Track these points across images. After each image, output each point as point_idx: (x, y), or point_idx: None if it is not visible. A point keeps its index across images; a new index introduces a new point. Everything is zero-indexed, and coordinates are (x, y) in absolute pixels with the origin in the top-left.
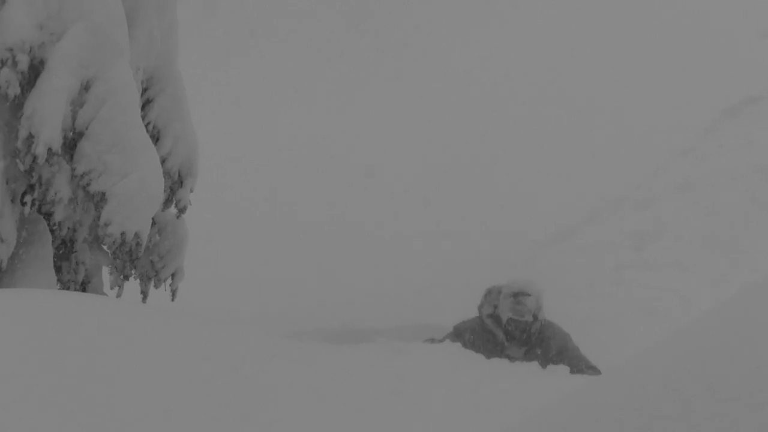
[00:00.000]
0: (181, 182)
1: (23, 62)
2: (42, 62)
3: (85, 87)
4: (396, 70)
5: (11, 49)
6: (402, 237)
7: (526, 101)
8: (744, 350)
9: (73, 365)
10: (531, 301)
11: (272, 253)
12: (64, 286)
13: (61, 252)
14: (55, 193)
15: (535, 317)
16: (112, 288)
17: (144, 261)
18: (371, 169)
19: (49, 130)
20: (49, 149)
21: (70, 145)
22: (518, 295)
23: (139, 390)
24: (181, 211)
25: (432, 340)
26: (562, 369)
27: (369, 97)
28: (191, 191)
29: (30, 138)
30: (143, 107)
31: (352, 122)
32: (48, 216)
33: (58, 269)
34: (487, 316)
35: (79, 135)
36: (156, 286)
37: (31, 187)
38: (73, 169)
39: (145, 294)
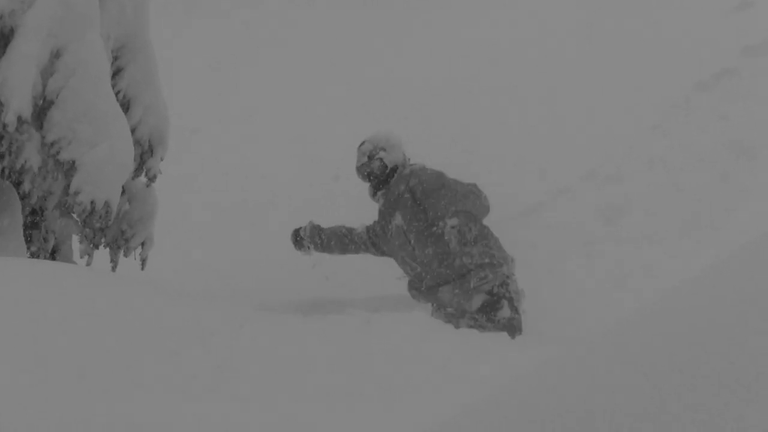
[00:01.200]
0: (152, 151)
1: None
2: (12, 30)
3: (56, 55)
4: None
5: None
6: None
7: (496, 82)
8: (715, 331)
9: (39, 334)
10: (365, 146)
11: (257, 233)
12: (34, 254)
13: (30, 220)
14: (25, 162)
15: (371, 157)
16: (81, 257)
17: (114, 229)
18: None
19: (19, 99)
20: (19, 117)
21: (40, 113)
22: (360, 146)
23: (106, 360)
24: (151, 179)
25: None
26: (533, 341)
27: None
28: (161, 160)
29: (0, 106)
30: (113, 76)
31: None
32: (18, 185)
33: (27, 238)
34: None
35: (49, 103)
36: (126, 255)
37: (1, 156)
38: (43, 138)
39: (114, 263)
